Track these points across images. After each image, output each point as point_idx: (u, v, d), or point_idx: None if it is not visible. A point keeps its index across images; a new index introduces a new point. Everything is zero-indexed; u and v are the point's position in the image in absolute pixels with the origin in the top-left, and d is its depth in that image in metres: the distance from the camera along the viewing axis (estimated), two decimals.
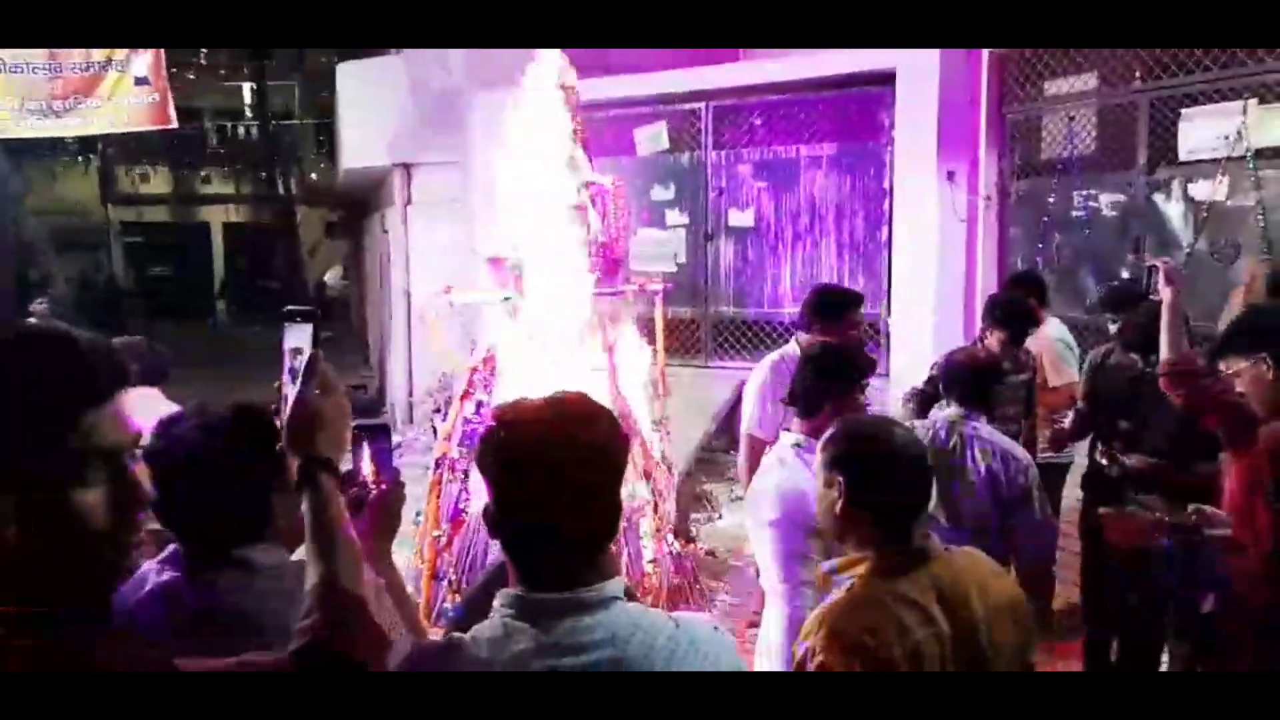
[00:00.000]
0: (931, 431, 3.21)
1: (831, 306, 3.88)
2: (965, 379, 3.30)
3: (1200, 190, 5.73)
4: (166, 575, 1.57)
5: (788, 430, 2.80)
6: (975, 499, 3.09)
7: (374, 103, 9.38)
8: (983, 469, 3.08)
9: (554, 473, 1.27)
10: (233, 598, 1.51)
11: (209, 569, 1.55)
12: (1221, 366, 2.62)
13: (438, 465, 4.72)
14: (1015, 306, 4.17)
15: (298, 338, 1.31)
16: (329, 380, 1.29)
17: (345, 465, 1.35)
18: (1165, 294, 2.90)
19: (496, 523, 1.33)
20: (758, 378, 3.96)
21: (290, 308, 1.33)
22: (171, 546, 1.62)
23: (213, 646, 1.15)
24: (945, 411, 3.32)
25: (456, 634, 1.35)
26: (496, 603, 1.34)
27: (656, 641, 1.29)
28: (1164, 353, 2.90)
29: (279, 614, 1.29)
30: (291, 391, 1.28)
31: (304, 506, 1.20)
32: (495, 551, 4.09)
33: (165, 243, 25.73)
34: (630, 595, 1.36)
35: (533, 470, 1.28)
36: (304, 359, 1.29)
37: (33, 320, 9.81)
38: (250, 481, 1.54)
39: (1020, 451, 3.17)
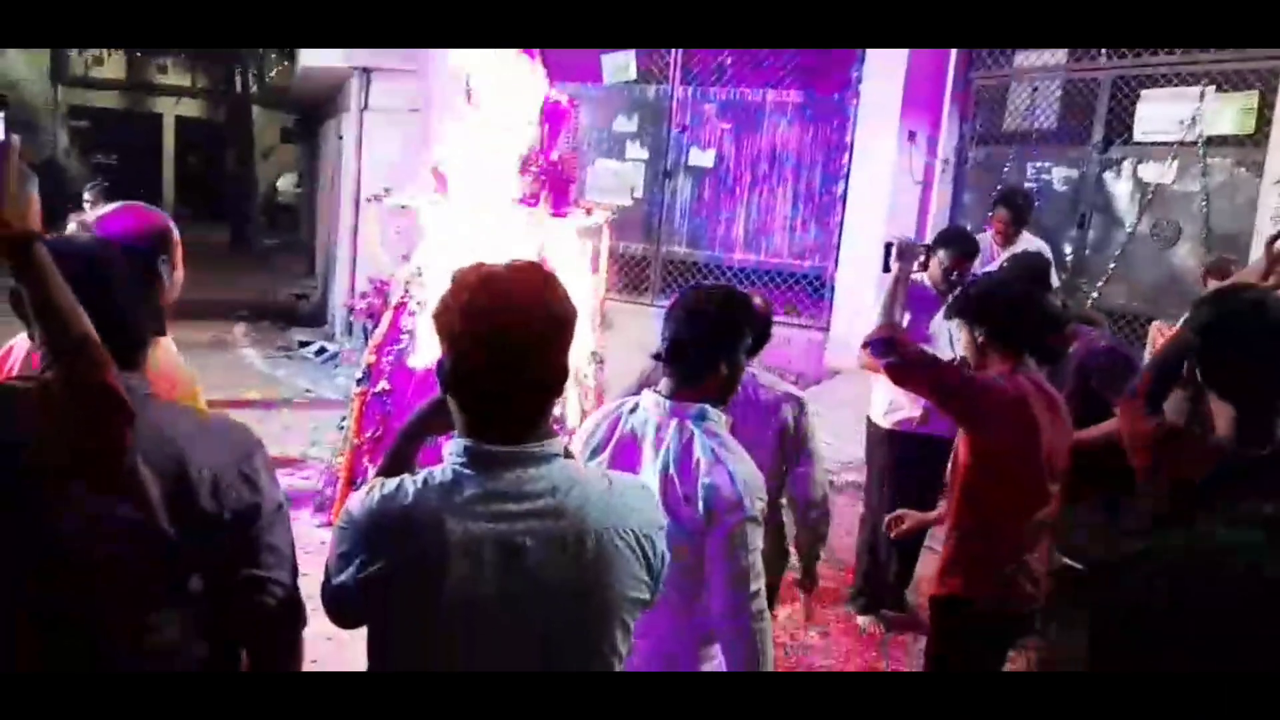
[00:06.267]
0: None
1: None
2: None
3: (1150, 172, 5.80)
4: None
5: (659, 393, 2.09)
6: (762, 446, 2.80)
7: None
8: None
9: (510, 331, 1.35)
10: None
11: None
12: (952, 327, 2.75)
13: (366, 374, 4.66)
14: None
15: None
16: (16, 163, 1.34)
17: None
18: (895, 267, 3.02)
19: (451, 378, 1.40)
20: None
21: None
22: None
23: None
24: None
25: (395, 477, 1.42)
26: (446, 450, 1.41)
27: (591, 494, 1.40)
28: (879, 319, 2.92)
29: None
30: None
31: (30, 275, 1.33)
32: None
33: (114, 130, 24.86)
34: (568, 454, 1.46)
35: (491, 328, 1.35)
36: None
37: None
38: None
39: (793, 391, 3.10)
